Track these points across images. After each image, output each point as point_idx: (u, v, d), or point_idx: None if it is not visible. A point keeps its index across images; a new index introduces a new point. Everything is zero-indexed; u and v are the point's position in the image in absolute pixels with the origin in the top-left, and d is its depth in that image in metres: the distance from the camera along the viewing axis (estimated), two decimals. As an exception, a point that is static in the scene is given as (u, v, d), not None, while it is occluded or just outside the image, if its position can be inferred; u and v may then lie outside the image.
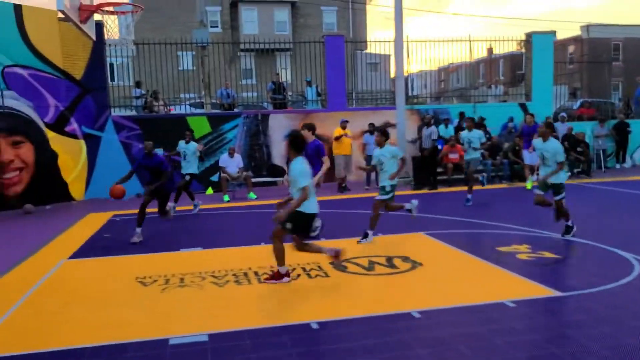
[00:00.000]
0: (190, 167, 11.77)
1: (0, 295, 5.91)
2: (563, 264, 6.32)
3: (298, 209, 5.66)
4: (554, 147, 7.51)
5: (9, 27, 12.31)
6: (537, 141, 7.78)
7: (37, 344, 4.46)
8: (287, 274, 5.94)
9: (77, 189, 13.74)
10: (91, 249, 8.20)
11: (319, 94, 17.56)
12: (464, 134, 11.82)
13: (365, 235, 7.83)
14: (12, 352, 4.32)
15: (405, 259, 6.77)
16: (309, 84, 17.20)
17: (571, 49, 41.12)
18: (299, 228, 5.75)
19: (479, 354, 3.94)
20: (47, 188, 12.87)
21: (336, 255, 5.89)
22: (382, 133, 8.13)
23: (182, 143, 11.95)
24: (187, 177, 11.60)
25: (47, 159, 12.96)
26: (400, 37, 14.90)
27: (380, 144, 8.06)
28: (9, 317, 5.15)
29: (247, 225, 9.89)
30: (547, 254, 6.69)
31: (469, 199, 10.97)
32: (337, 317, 4.80)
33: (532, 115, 13.59)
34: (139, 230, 8.46)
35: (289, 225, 5.68)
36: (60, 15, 6.20)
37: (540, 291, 5.29)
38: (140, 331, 4.67)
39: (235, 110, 17.05)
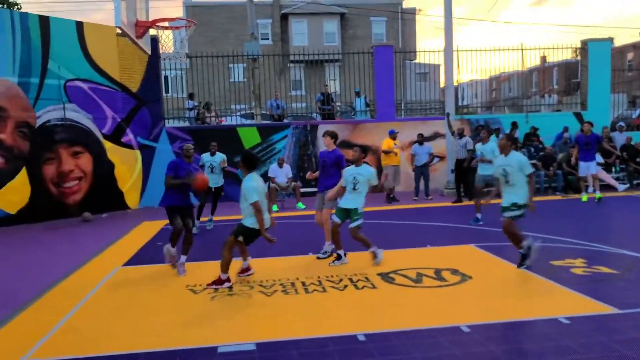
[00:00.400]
0: (218, 180, 11.34)
1: (58, 300, 6.16)
2: (621, 279, 6.05)
3: (246, 225, 6.28)
4: (518, 160, 6.64)
5: (71, 43, 12.91)
6: (499, 158, 6.93)
7: (92, 348, 4.63)
8: (228, 280, 6.36)
9: (132, 198, 14.20)
10: (145, 256, 8.44)
11: (367, 105, 17.58)
12: (477, 146, 11.11)
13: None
14: (68, 355, 4.49)
15: (455, 271, 6.66)
16: (358, 94, 17.25)
17: (630, 55, 39.64)
18: (249, 240, 6.44)
19: (530, 372, 3.83)
20: (104, 197, 13.35)
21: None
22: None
23: (206, 155, 11.35)
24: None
25: (104, 169, 13.46)
26: (450, 46, 14.75)
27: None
28: (67, 322, 5.36)
29: (295, 235, 9.95)
30: (604, 269, 6.44)
31: (479, 219, 10.03)
32: (384, 330, 4.77)
33: (590, 123, 12.84)
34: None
35: (240, 238, 6.35)
36: (118, 30, 6.49)
37: (596, 307, 5.10)
38: (190, 338, 4.76)
39: (285, 121, 17.26)
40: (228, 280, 6.35)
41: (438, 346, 4.36)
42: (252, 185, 6.16)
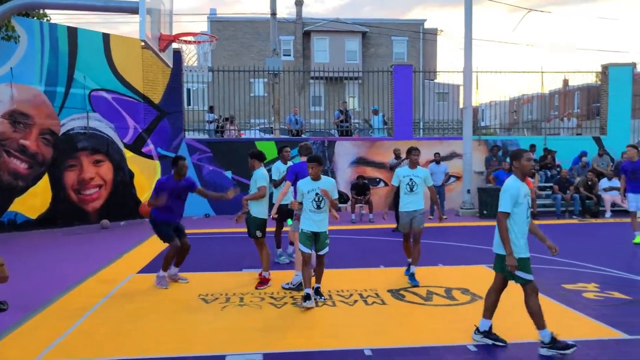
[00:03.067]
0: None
1: (73, 304, 6.30)
2: (632, 305, 6.01)
3: (254, 216, 7.21)
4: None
5: (97, 54, 13.26)
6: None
7: (104, 351, 4.73)
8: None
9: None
10: (158, 265, 8.53)
11: (385, 123, 17.66)
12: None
13: None
14: (80, 357, 4.60)
15: (465, 291, 6.67)
16: (376, 112, 17.34)
17: (654, 81, 39.21)
18: (263, 231, 7.23)
19: (535, 393, 3.84)
20: (122, 205, 13.58)
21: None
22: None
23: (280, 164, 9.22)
24: None
25: (124, 178, 13.72)
26: (470, 67, 14.82)
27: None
28: (80, 325, 5.48)
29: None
30: (617, 294, 6.40)
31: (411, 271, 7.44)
32: (391, 345, 4.80)
33: (635, 147, 10.47)
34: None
35: (258, 233, 7.22)
36: (143, 43, 6.68)
37: (605, 332, 5.08)
38: (200, 346, 4.85)
39: (303, 136, 17.41)
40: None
41: (444, 364, 4.38)
42: (262, 172, 7.14)
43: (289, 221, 12.99)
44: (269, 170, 7.99)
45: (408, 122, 16.21)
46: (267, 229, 7.31)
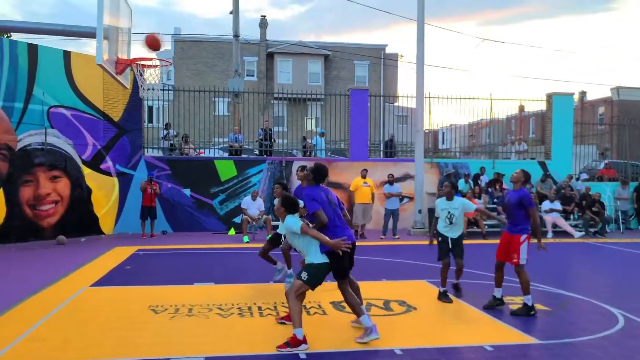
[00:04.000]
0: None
1: (26, 313, 6.50)
2: (551, 315, 6.57)
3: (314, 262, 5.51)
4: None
5: (57, 71, 13.42)
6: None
7: (57, 356, 4.99)
8: (305, 340, 5.30)
9: (106, 224, 14.51)
10: (112, 278, 8.78)
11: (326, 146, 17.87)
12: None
13: None
14: (30, 361, 4.85)
15: (402, 302, 7.13)
16: (322, 135, 17.71)
17: (601, 109, 41.20)
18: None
19: (447, 389, 4.29)
20: (79, 221, 13.66)
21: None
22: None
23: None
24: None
25: (81, 194, 13.82)
26: (422, 93, 15.53)
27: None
28: (32, 332, 5.71)
29: (261, 264, 10.30)
30: (539, 306, 6.95)
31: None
32: (326, 350, 5.20)
33: None
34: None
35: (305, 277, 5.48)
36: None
37: (520, 338, 5.61)
38: (146, 351, 5.15)
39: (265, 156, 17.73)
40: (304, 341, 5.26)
41: (370, 365, 4.81)
42: (292, 220, 5.44)
43: (245, 238, 13.26)
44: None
45: (364, 144, 16.80)
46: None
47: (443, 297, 7.31)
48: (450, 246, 7.36)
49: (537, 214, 7.12)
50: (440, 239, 7.45)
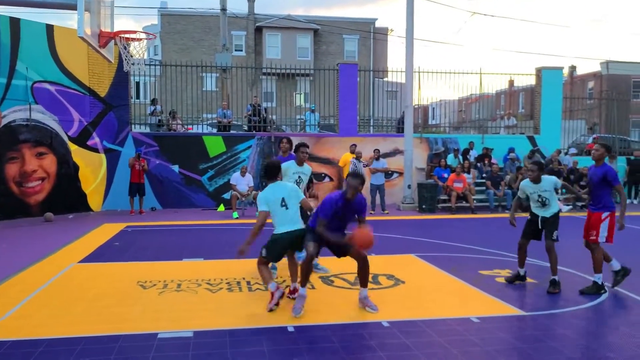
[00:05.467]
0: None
1: (12, 290, 6.47)
2: (537, 287, 6.65)
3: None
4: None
5: (40, 45, 13.18)
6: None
7: (42, 332, 4.98)
8: (277, 288, 5.74)
9: (95, 201, 14.43)
10: (101, 255, 8.75)
11: (319, 122, 17.78)
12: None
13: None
14: (19, 337, 4.84)
15: (390, 276, 7.18)
16: (313, 110, 17.61)
17: (591, 84, 41.27)
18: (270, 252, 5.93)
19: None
20: (67, 198, 13.56)
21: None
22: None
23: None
24: None
25: (68, 171, 13.70)
26: (411, 67, 15.45)
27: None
28: (19, 309, 5.69)
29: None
30: (527, 279, 7.03)
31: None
32: (314, 323, 5.24)
33: None
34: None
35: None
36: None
37: (505, 310, 5.67)
38: (134, 326, 5.15)
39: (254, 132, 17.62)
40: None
41: (358, 337, 4.86)
42: (261, 195, 5.87)
43: (235, 214, 13.27)
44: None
45: (353, 119, 16.74)
46: None
47: (517, 279, 6.83)
48: (539, 226, 6.75)
49: (623, 189, 6.83)
50: (529, 217, 6.90)
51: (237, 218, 13.30)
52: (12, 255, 8.77)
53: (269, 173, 6.02)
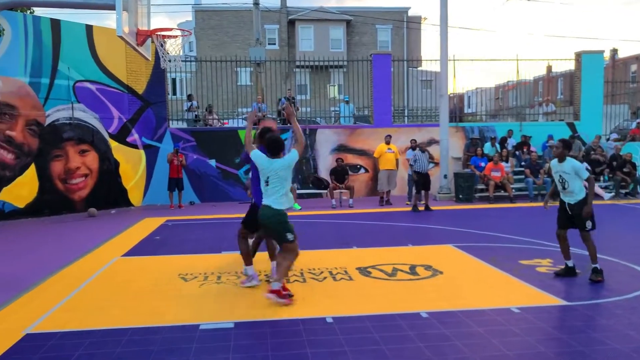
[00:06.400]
0: None
1: (60, 284, 6.71)
2: (579, 277, 6.52)
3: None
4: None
5: (81, 46, 13.55)
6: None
7: (90, 323, 5.16)
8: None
9: (135, 196, 14.78)
10: (143, 248, 8.99)
11: (354, 114, 17.73)
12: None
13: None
14: (69, 328, 5.03)
15: (428, 267, 7.15)
16: (347, 102, 17.60)
17: (634, 67, 39.92)
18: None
19: (473, 350, 4.32)
20: (108, 194, 13.96)
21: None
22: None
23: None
24: None
25: (109, 167, 14.08)
26: (446, 55, 15.24)
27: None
28: (67, 302, 5.90)
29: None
30: (577, 272, 6.88)
31: None
32: (352, 314, 5.27)
33: None
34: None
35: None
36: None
37: (546, 299, 5.59)
38: (176, 317, 5.29)
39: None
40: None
41: (396, 328, 4.86)
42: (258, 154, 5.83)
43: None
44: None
45: (387, 110, 16.64)
46: None
47: (567, 273, 6.58)
48: (570, 214, 6.55)
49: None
50: (558, 205, 6.70)
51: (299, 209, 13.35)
52: (59, 249, 9.08)
53: (273, 149, 5.76)
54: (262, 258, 7.14)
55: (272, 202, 5.64)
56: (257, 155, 5.83)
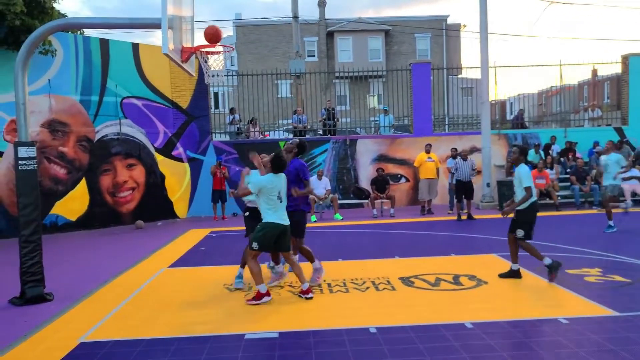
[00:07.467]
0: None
1: (110, 294, 6.94)
2: (630, 287, 6.33)
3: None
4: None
5: (128, 63, 14.04)
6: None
7: (140, 332, 5.33)
8: (268, 294, 6.25)
9: (180, 208, 15.13)
10: (188, 260, 9.20)
11: (393, 124, 17.65)
12: (602, 157, 10.86)
13: None
14: (119, 337, 5.21)
15: (472, 277, 7.07)
16: (386, 112, 17.54)
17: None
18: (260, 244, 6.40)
19: (519, 361, 4.26)
20: (155, 206, 14.34)
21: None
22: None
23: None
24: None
25: (155, 180, 14.48)
26: (486, 62, 15.09)
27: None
28: (118, 311, 6.10)
29: (330, 243, 10.47)
30: (618, 278, 6.71)
31: (612, 226, 10.25)
32: (395, 324, 5.27)
33: None
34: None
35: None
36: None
37: (596, 310, 5.45)
38: (222, 327, 5.40)
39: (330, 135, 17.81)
40: (267, 294, 6.24)
41: (440, 338, 4.83)
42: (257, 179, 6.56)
43: (313, 218, 13.47)
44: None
45: (427, 119, 16.55)
46: None
47: (512, 275, 6.92)
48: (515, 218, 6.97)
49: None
50: None
51: (315, 221, 13.49)
52: (109, 261, 9.39)
53: (276, 166, 6.41)
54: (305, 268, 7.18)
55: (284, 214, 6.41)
56: (263, 177, 6.47)
